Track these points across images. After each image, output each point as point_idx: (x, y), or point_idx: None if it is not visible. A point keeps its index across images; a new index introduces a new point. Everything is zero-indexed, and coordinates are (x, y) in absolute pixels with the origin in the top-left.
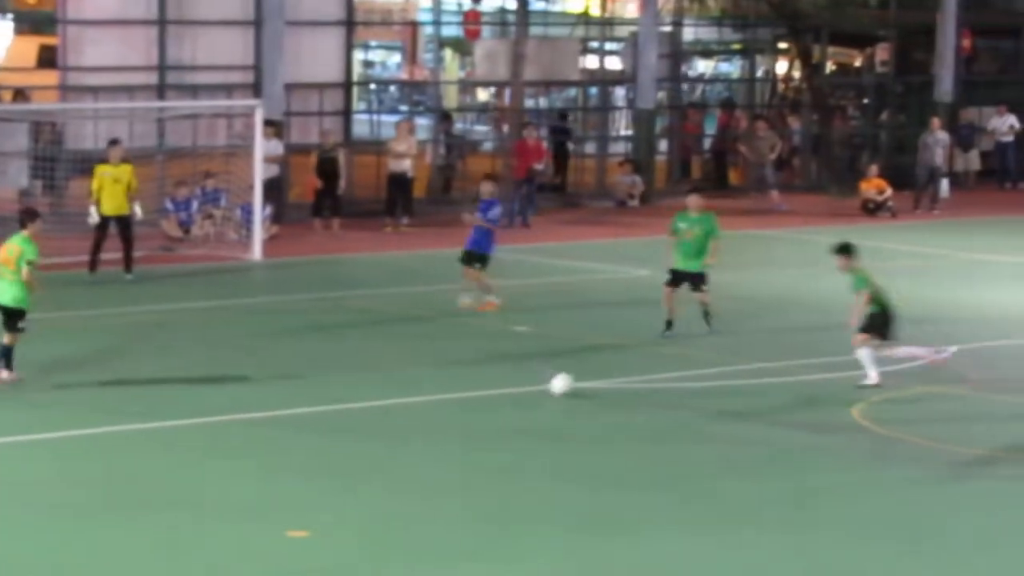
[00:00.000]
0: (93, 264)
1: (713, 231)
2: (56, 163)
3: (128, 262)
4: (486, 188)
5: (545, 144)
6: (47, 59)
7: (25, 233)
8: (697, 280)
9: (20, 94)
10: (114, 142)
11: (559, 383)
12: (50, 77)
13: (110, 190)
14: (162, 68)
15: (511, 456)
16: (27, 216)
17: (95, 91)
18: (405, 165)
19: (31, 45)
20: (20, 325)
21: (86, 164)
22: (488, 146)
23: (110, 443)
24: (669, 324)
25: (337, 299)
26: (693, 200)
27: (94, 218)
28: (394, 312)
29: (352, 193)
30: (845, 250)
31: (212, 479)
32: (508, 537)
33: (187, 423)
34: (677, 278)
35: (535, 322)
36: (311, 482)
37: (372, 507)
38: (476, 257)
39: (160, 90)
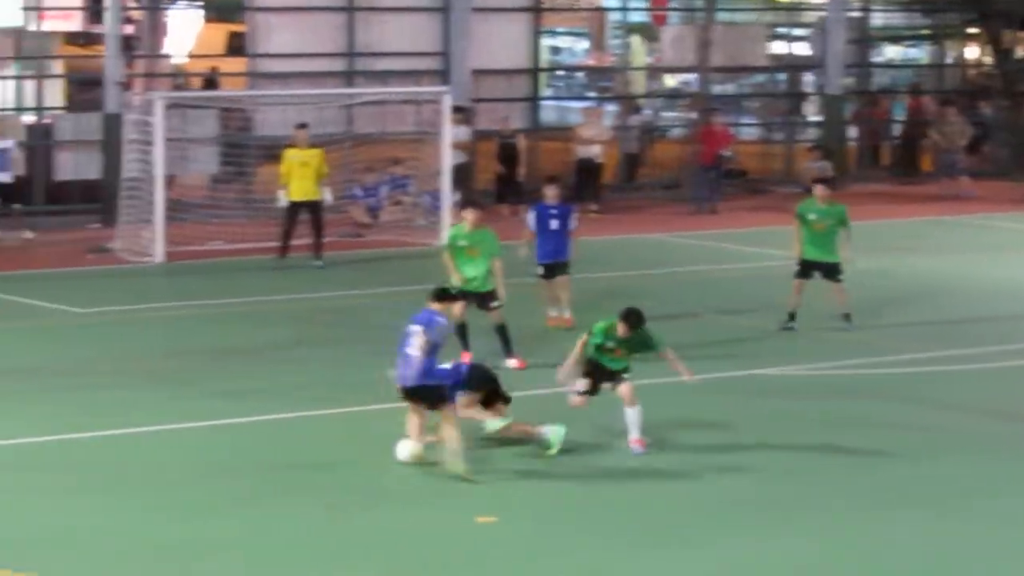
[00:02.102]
0: (283, 250)
1: (844, 222)
2: (245, 150)
3: (318, 248)
4: (551, 192)
5: (732, 130)
6: (236, 46)
7: None
8: (832, 270)
9: (209, 81)
10: (302, 126)
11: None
12: (238, 64)
13: (299, 174)
14: (350, 55)
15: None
16: None
17: (283, 78)
18: (593, 151)
19: (220, 32)
20: None
21: (274, 151)
22: (675, 132)
23: (295, 428)
24: (792, 316)
25: (524, 285)
26: (820, 190)
27: (282, 201)
28: (579, 299)
29: (538, 179)
30: None
31: (398, 464)
32: (694, 523)
33: (372, 409)
34: (807, 268)
35: (720, 308)
36: (497, 467)
37: (560, 492)
38: (563, 267)
39: (348, 77)
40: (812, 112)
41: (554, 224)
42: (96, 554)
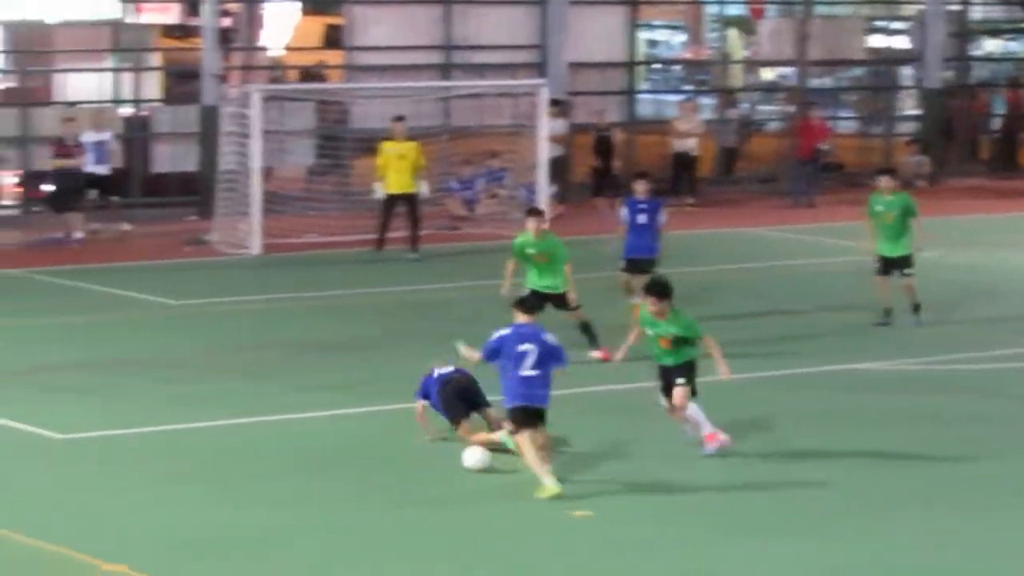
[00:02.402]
0: (380, 243)
1: (910, 211)
2: (341, 142)
3: (414, 241)
4: (640, 187)
5: (829, 124)
6: (333, 38)
7: None
8: (903, 264)
9: (308, 74)
10: (399, 118)
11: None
12: (335, 57)
13: (395, 166)
14: (447, 47)
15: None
16: None
17: (380, 70)
18: (689, 145)
19: (317, 25)
20: None
21: (371, 143)
22: (772, 126)
23: (384, 421)
24: (887, 312)
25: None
26: (885, 181)
27: (378, 194)
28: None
29: (634, 172)
30: None
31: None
32: (791, 519)
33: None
34: (886, 265)
35: (818, 303)
36: (592, 462)
37: (657, 486)
38: (648, 263)
39: (444, 69)
40: (910, 106)
41: (642, 219)
42: (191, 547)
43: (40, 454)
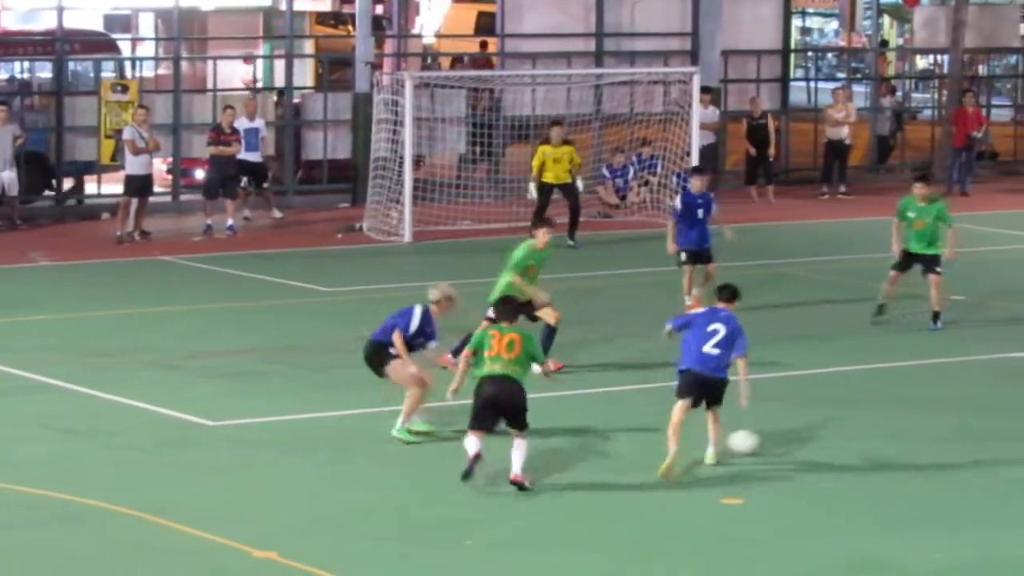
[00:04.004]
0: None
1: (945, 218)
2: (493, 130)
3: (573, 228)
4: (697, 183)
5: (984, 112)
6: (485, 26)
7: None
8: (931, 262)
9: (459, 61)
10: (556, 123)
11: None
12: (488, 44)
13: (551, 168)
14: (599, 35)
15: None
16: None
17: (532, 58)
18: (842, 132)
19: (470, 12)
20: None
21: (523, 131)
22: (927, 114)
23: (540, 408)
24: (880, 308)
25: (771, 267)
26: (919, 188)
27: (532, 194)
28: (829, 280)
29: (788, 160)
30: None
31: (647, 446)
32: (942, 509)
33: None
34: (907, 260)
35: (970, 291)
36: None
37: (806, 477)
38: (707, 253)
39: (597, 57)
40: None
41: (700, 213)
42: (340, 534)
43: (193, 441)
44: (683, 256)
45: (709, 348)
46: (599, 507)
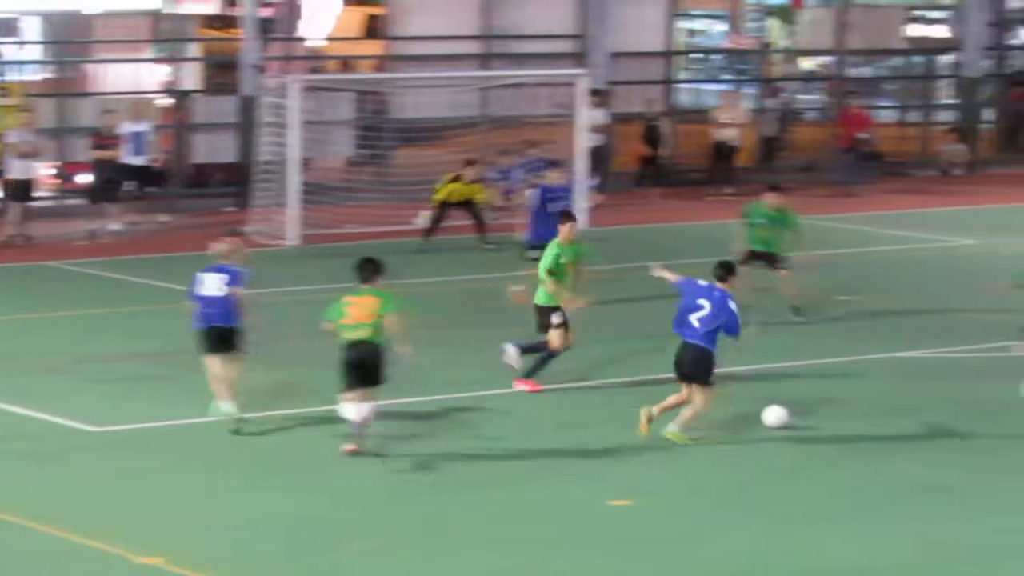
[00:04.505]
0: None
1: (792, 224)
2: (381, 133)
3: (483, 231)
4: (553, 176)
5: (869, 113)
6: (373, 29)
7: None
8: (774, 260)
9: (346, 64)
10: (471, 163)
11: (774, 416)
12: (375, 47)
13: (459, 200)
14: (486, 37)
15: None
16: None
17: (420, 60)
18: (730, 134)
19: (358, 15)
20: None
21: (411, 134)
22: (813, 115)
23: (444, 411)
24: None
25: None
26: (770, 198)
27: (423, 221)
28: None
29: (675, 162)
30: None
31: (539, 447)
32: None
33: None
34: (752, 257)
35: (860, 290)
36: (634, 453)
37: (698, 476)
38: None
39: (484, 59)
40: (949, 95)
41: (553, 207)
42: (227, 538)
43: (79, 447)
44: (534, 253)
45: (693, 319)
46: (490, 508)
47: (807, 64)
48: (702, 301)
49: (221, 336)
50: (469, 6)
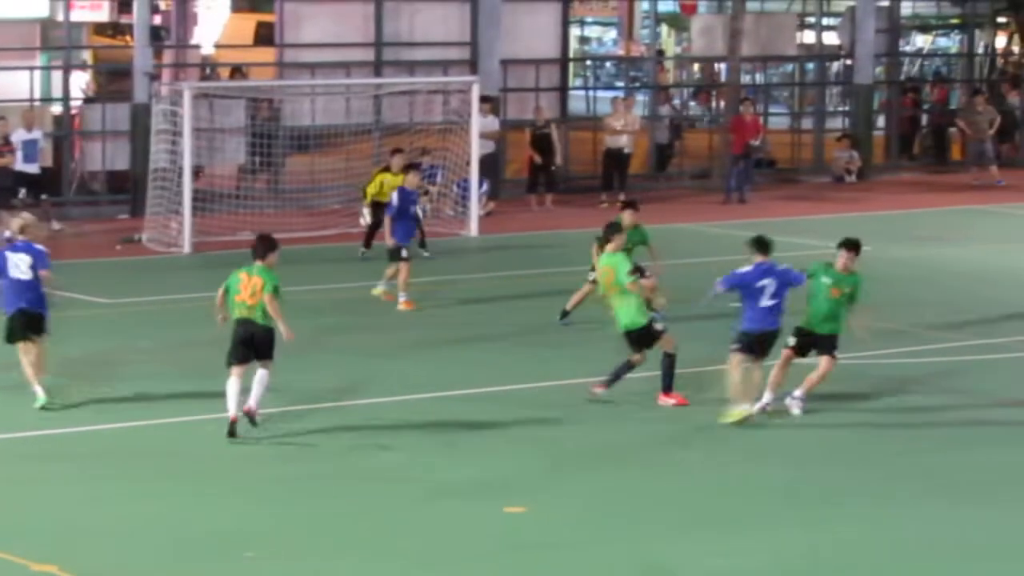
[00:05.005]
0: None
1: (645, 240)
2: (273, 140)
3: (423, 236)
4: (412, 180)
5: (762, 120)
6: (264, 36)
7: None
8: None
9: (237, 71)
10: (399, 150)
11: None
12: (267, 54)
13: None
14: (379, 45)
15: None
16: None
17: (312, 68)
18: (622, 141)
19: (249, 22)
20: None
21: (303, 141)
22: (705, 122)
23: (336, 418)
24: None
25: (552, 275)
26: (628, 216)
27: (366, 219)
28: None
29: (568, 169)
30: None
31: (432, 454)
32: (720, 511)
33: (404, 399)
34: None
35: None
36: (530, 459)
37: (593, 483)
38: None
39: (376, 67)
40: (841, 102)
41: (415, 209)
42: (119, 545)
43: None
44: (404, 252)
45: (766, 302)
46: (381, 516)
47: (699, 71)
48: (764, 281)
49: (30, 319)
50: (361, 13)
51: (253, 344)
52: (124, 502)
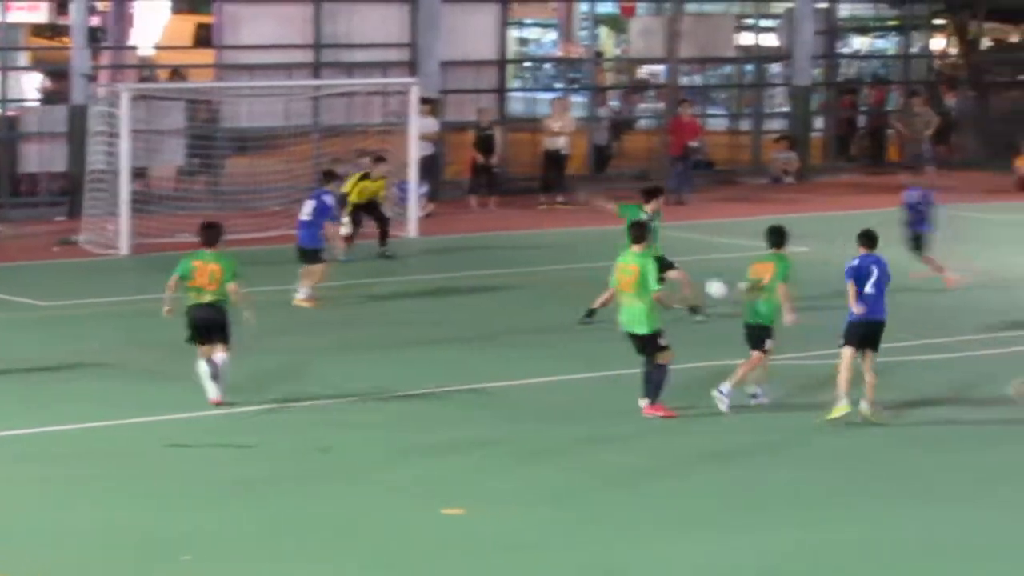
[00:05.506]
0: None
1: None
2: (212, 142)
3: (384, 237)
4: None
5: (700, 121)
6: (203, 38)
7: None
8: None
9: (176, 73)
10: (381, 159)
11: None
12: (206, 56)
13: (360, 196)
14: (318, 46)
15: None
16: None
17: (251, 69)
18: (560, 143)
19: (188, 24)
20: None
21: (242, 143)
22: (644, 124)
23: (276, 420)
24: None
25: (492, 276)
26: (651, 205)
27: (348, 228)
28: (549, 289)
29: (507, 171)
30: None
31: (372, 456)
32: (662, 515)
33: (344, 401)
34: None
35: (685, 300)
36: (471, 460)
37: (532, 485)
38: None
39: (316, 68)
40: (780, 103)
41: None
42: (62, 549)
43: None
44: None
45: (868, 289)
46: (321, 519)
47: (638, 72)
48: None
49: None
50: (300, 15)
51: (210, 328)
52: (64, 505)
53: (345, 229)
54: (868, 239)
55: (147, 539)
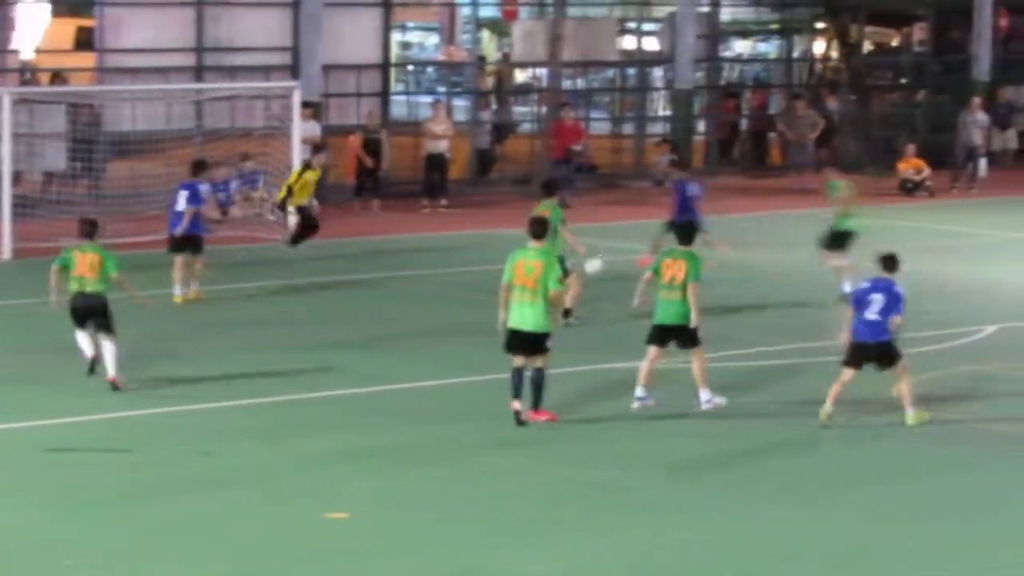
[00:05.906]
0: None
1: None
2: (94, 145)
3: (302, 239)
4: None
5: (583, 125)
6: (84, 41)
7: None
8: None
9: (57, 76)
10: (320, 148)
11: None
12: (87, 59)
13: (300, 193)
14: (200, 50)
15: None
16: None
17: (133, 73)
18: (442, 146)
19: (68, 27)
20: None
21: (124, 147)
22: (526, 127)
23: (159, 424)
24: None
25: (378, 280)
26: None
27: (293, 217)
28: (436, 292)
29: (390, 174)
30: None
31: (256, 460)
32: (538, 519)
33: (228, 405)
34: None
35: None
36: (355, 464)
37: (415, 489)
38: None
39: (198, 72)
40: (662, 107)
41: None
42: None
43: None
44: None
45: (871, 316)
46: (200, 524)
47: (520, 76)
48: (874, 296)
49: None
50: (182, 18)
51: (89, 315)
52: None
53: (293, 219)
54: (884, 263)
55: (29, 543)
